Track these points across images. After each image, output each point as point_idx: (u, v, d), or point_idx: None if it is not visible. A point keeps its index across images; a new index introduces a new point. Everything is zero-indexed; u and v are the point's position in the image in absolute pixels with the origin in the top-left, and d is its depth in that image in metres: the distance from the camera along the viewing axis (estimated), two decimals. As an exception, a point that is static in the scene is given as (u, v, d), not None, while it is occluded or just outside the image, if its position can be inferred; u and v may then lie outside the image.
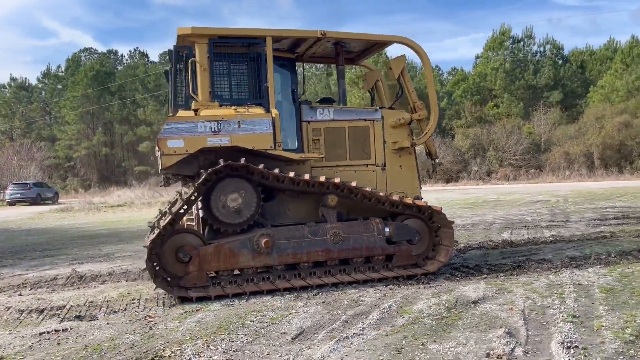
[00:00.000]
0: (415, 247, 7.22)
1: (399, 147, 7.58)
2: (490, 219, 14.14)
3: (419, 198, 7.55)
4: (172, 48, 7.01)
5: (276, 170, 6.61)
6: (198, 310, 5.89)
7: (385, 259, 7.12)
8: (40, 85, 67.60)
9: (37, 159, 52.54)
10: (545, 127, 46.08)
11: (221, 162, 6.41)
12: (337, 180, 6.85)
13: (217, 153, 6.61)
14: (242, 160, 6.48)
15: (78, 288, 7.51)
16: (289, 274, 6.83)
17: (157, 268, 6.42)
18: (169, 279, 6.47)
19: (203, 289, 6.47)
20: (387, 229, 7.03)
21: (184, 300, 6.30)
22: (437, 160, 8.30)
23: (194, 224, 7.45)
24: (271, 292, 6.50)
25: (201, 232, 6.93)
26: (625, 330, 4.52)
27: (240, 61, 6.91)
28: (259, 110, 6.73)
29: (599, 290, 5.95)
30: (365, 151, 7.53)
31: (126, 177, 53.31)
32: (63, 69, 65.51)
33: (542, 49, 56.25)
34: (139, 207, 26.31)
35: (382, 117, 7.62)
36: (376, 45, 8.03)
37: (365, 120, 7.57)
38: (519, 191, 27.17)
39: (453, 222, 7.25)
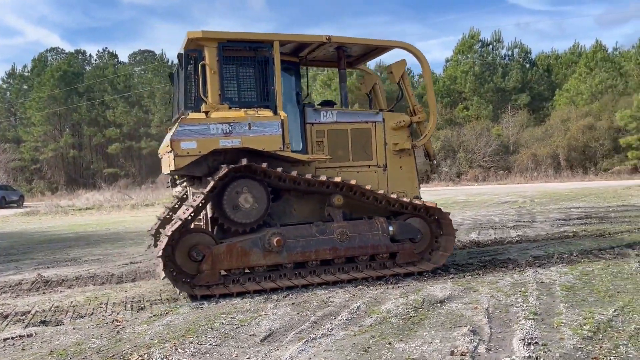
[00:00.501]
0: (417, 245, 7.51)
1: (399, 149, 7.84)
2: (459, 220, 14.39)
3: (418, 197, 7.81)
4: (182, 51, 7.11)
5: (294, 173, 6.87)
6: (167, 313, 5.86)
7: (389, 257, 7.37)
8: (4, 86, 65.75)
9: (2, 161, 51.08)
10: (513, 129, 47.03)
11: (244, 162, 6.60)
12: (353, 182, 7.11)
13: (226, 154, 6.80)
14: (244, 161, 6.66)
15: (43, 293, 7.36)
16: (297, 271, 7.03)
17: (175, 273, 6.49)
18: (188, 280, 6.57)
19: (224, 286, 6.62)
20: (390, 228, 7.30)
21: (203, 298, 6.39)
22: (434, 162, 8.62)
23: (201, 224, 7.51)
24: (290, 288, 6.69)
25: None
26: (584, 327, 4.68)
27: (247, 64, 7.08)
28: (268, 113, 6.91)
29: (560, 288, 6.14)
30: (367, 152, 7.77)
31: (95, 179, 52.29)
32: (29, 69, 63.88)
33: (510, 52, 57.49)
34: (108, 210, 25.87)
35: (383, 119, 7.86)
36: (377, 50, 8.31)
37: (367, 122, 7.80)
38: (487, 192, 27.69)
39: (449, 213, 7.59)
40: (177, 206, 8.91)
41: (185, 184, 8.36)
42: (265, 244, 6.75)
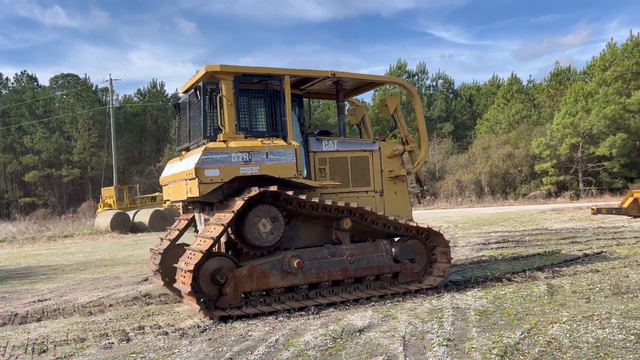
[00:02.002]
0: (416, 264, 7.96)
1: (394, 175, 8.44)
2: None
3: (411, 220, 8.32)
4: (200, 84, 7.33)
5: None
6: (72, 355, 5.48)
7: (392, 277, 7.84)
8: None
9: None
10: (439, 157, 48.90)
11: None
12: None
13: (240, 181, 7.13)
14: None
15: None
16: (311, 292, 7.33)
17: (202, 299, 6.56)
18: (210, 302, 6.69)
19: (252, 307, 6.87)
20: (393, 249, 7.76)
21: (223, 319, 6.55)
22: (424, 187, 9.27)
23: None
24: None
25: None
26: (492, 351, 4.81)
27: (259, 96, 7.54)
28: (282, 142, 7.32)
29: (474, 312, 6.31)
30: (365, 179, 8.30)
31: (9, 209, 48.90)
32: (-63, 91, 59.44)
33: (434, 83, 60.25)
34: (21, 243, 24.20)
35: (380, 148, 8.44)
36: (370, 84, 9.10)
37: (365, 151, 8.34)
38: (414, 218, 28.42)
39: (449, 242, 8.27)
40: (178, 235, 8.64)
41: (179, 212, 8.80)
42: (284, 266, 7.05)
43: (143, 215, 27.64)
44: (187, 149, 7.98)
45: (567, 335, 5.17)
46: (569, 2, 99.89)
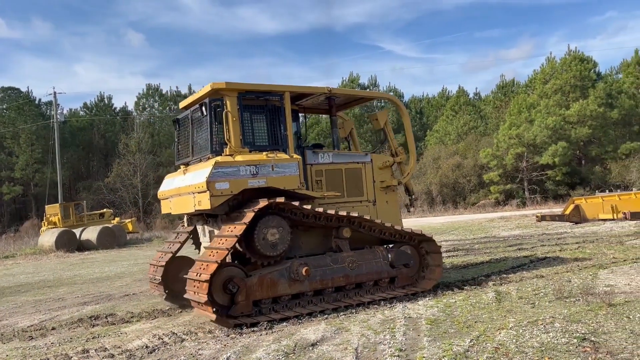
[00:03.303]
0: (410, 269, 8.28)
1: (385, 186, 8.86)
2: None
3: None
4: (206, 100, 7.60)
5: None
6: (9, 384, 5.18)
7: (389, 282, 8.13)
8: None
9: None
10: (391, 168, 49.66)
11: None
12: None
13: (244, 193, 7.35)
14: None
15: None
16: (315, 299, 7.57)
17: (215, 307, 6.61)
18: (223, 311, 6.79)
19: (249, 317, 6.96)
20: (389, 255, 8.06)
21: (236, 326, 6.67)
22: (414, 197, 9.79)
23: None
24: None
25: None
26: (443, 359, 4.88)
27: (260, 112, 7.87)
28: (285, 155, 7.62)
29: (426, 322, 6.40)
30: (359, 189, 8.69)
31: (-55, 230, 46.19)
32: None
33: (385, 95, 61.33)
34: (-42, 265, 22.84)
35: (371, 160, 8.87)
36: (361, 100, 9.69)
37: (358, 163, 8.76)
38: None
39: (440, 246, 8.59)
40: (181, 245, 8.77)
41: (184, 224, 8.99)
42: (292, 274, 7.27)
43: (90, 233, 26.68)
44: (187, 164, 8.15)
45: (514, 340, 5.31)
46: (511, 17, 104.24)
